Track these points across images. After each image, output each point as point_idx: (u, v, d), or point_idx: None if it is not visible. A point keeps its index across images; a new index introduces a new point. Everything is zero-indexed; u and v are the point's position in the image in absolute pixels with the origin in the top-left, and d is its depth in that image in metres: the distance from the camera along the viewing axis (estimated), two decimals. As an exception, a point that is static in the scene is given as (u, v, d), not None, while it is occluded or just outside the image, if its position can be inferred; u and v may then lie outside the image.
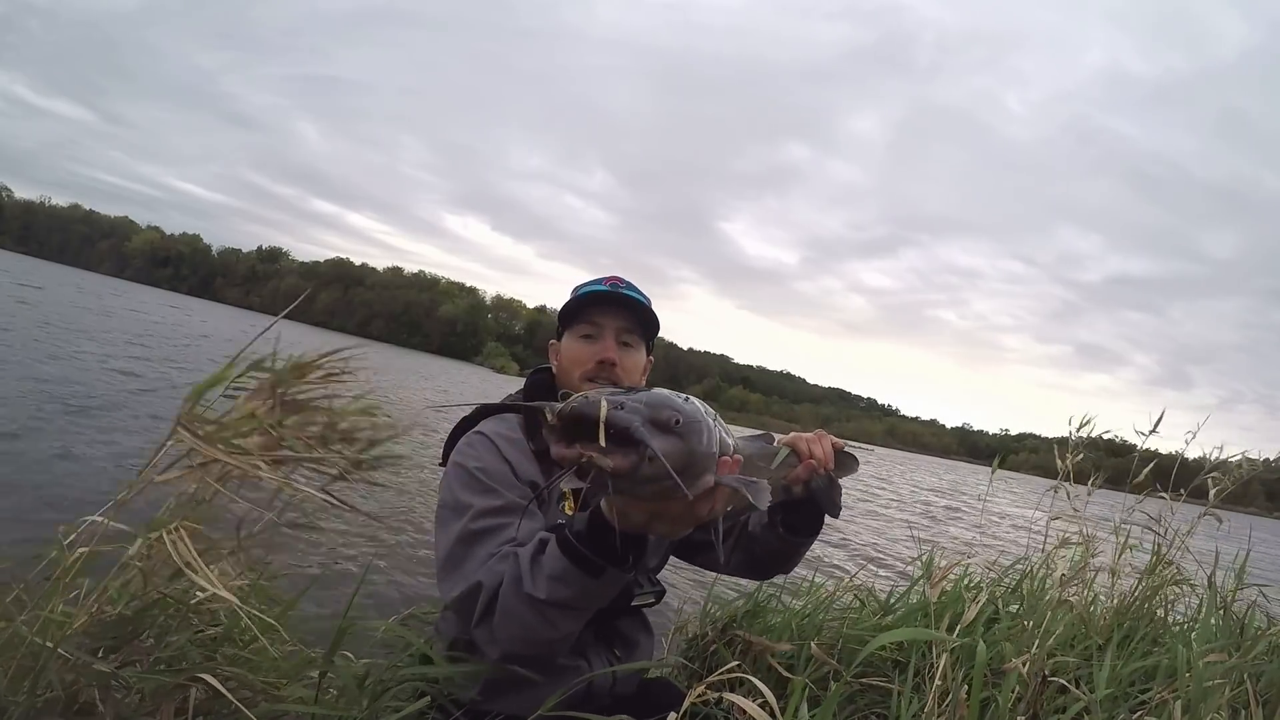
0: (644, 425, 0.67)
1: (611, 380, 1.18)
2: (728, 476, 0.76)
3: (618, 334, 1.20)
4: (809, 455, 1.06)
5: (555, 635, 0.94)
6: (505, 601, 0.93)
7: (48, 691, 0.80)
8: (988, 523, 9.38)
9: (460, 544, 1.03)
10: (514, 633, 0.94)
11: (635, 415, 0.67)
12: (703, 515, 0.77)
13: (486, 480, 1.07)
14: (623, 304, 1.21)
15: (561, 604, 0.90)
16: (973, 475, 34.38)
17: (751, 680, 0.97)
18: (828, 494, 1.13)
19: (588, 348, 1.19)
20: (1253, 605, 1.85)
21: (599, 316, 1.20)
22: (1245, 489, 1.84)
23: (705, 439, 0.73)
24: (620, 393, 0.70)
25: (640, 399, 0.70)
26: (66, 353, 8.44)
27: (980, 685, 1.23)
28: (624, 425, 0.66)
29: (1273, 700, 1.38)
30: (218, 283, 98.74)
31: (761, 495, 0.75)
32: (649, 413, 0.68)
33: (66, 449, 4.20)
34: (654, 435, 0.67)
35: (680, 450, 0.70)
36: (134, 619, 0.89)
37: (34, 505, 3.16)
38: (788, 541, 1.20)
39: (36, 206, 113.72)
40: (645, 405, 0.69)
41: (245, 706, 0.87)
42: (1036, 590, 2.02)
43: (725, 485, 0.76)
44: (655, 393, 0.73)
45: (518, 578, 0.92)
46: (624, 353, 1.21)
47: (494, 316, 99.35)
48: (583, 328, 1.20)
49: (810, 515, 1.18)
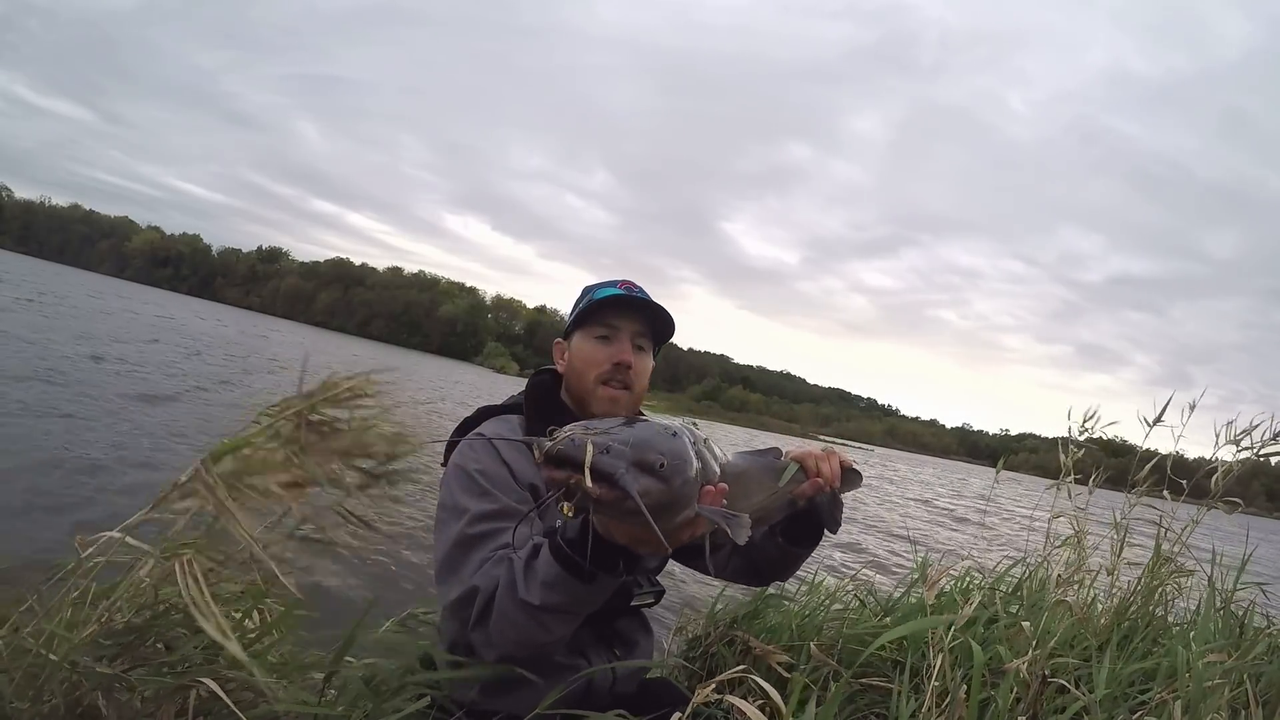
0: (628, 470, 0.70)
1: (624, 383, 1.19)
2: (708, 509, 0.78)
3: (633, 337, 1.21)
4: (816, 473, 1.06)
5: (549, 638, 0.96)
6: (501, 606, 0.95)
7: (51, 699, 0.80)
8: (998, 522, 9.38)
9: (457, 547, 1.04)
10: (509, 636, 0.96)
11: (620, 460, 0.70)
12: (684, 540, 0.81)
13: (484, 483, 1.07)
14: (640, 308, 1.21)
15: (554, 609, 0.92)
16: (974, 475, 34.38)
17: (754, 680, 0.98)
18: (829, 510, 1.14)
19: (603, 349, 1.19)
20: (1253, 605, 1.85)
21: (615, 319, 1.20)
22: (1245, 489, 1.84)
23: (689, 475, 0.76)
24: (608, 431, 0.72)
25: (627, 440, 0.72)
26: (109, 358, 8.42)
27: (979, 685, 1.23)
28: (609, 472, 0.69)
29: (1273, 700, 1.38)
30: (218, 283, 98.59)
31: (740, 531, 0.77)
32: (634, 455, 0.71)
33: (107, 452, 4.22)
34: (638, 478, 0.70)
35: (662, 491, 0.72)
36: (142, 628, 0.89)
37: (60, 509, 3.18)
38: (786, 551, 1.21)
39: (36, 206, 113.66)
40: (631, 448, 0.71)
41: (246, 708, 0.87)
42: (1036, 590, 2.02)
43: (705, 516, 0.78)
44: (642, 432, 0.74)
45: (512, 583, 0.94)
46: (638, 356, 1.21)
47: (494, 316, 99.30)
48: (598, 329, 1.20)
49: (811, 526, 1.18)
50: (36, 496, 3.37)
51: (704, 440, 0.84)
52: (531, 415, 1.21)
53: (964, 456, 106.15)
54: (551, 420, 1.18)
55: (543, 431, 0.78)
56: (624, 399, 1.20)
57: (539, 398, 1.25)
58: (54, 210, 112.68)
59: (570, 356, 1.24)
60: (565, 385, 1.26)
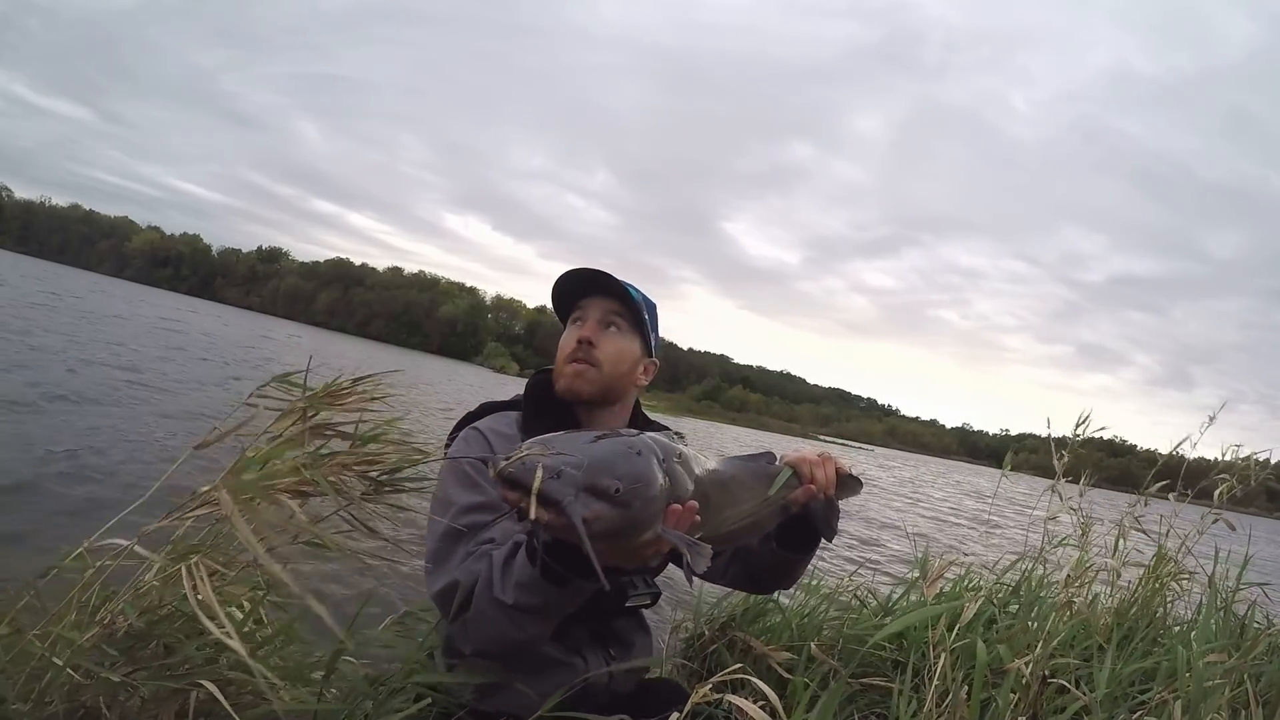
0: (576, 497, 0.66)
1: (589, 360, 1.16)
2: (672, 532, 0.76)
3: (605, 315, 1.19)
4: (810, 479, 1.04)
5: (524, 637, 0.95)
6: (478, 602, 0.95)
7: (53, 703, 0.80)
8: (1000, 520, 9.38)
9: (444, 539, 1.04)
10: (485, 633, 0.96)
11: (569, 487, 0.66)
12: (649, 559, 0.79)
13: (475, 476, 1.07)
14: (603, 287, 1.19)
15: (527, 609, 0.91)
16: (974, 475, 34.36)
17: (753, 681, 0.97)
18: (824, 516, 1.10)
19: (573, 331, 1.19)
20: (1253, 605, 1.85)
21: (584, 300, 1.21)
22: (1247, 491, 1.84)
23: (650, 496, 0.73)
24: (565, 451, 0.69)
25: (581, 462, 0.68)
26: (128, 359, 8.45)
27: (981, 685, 1.23)
28: (555, 499, 0.66)
29: (1273, 700, 1.38)
30: (218, 283, 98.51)
31: (700, 560, 0.75)
32: (586, 479, 0.68)
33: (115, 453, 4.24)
34: (589, 504, 0.67)
35: (616, 516, 0.70)
36: (145, 631, 0.89)
37: (66, 513, 3.19)
38: (781, 557, 1.19)
39: (36, 206, 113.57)
40: (584, 471, 0.68)
41: (246, 709, 0.87)
42: (1034, 590, 2.02)
43: (667, 540, 0.76)
44: (601, 453, 0.71)
45: (490, 580, 0.93)
46: (607, 335, 1.18)
47: (494, 316, 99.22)
48: (571, 312, 1.22)
49: (806, 532, 1.15)
50: (37, 495, 3.37)
51: (679, 455, 0.82)
52: (528, 412, 1.21)
53: (964, 456, 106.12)
54: (547, 416, 1.19)
55: (538, 429, 0.78)
56: (587, 373, 1.16)
57: (536, 395, 1.25)
58: (54, 210, 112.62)
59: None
60: (555, 382, 1.25)
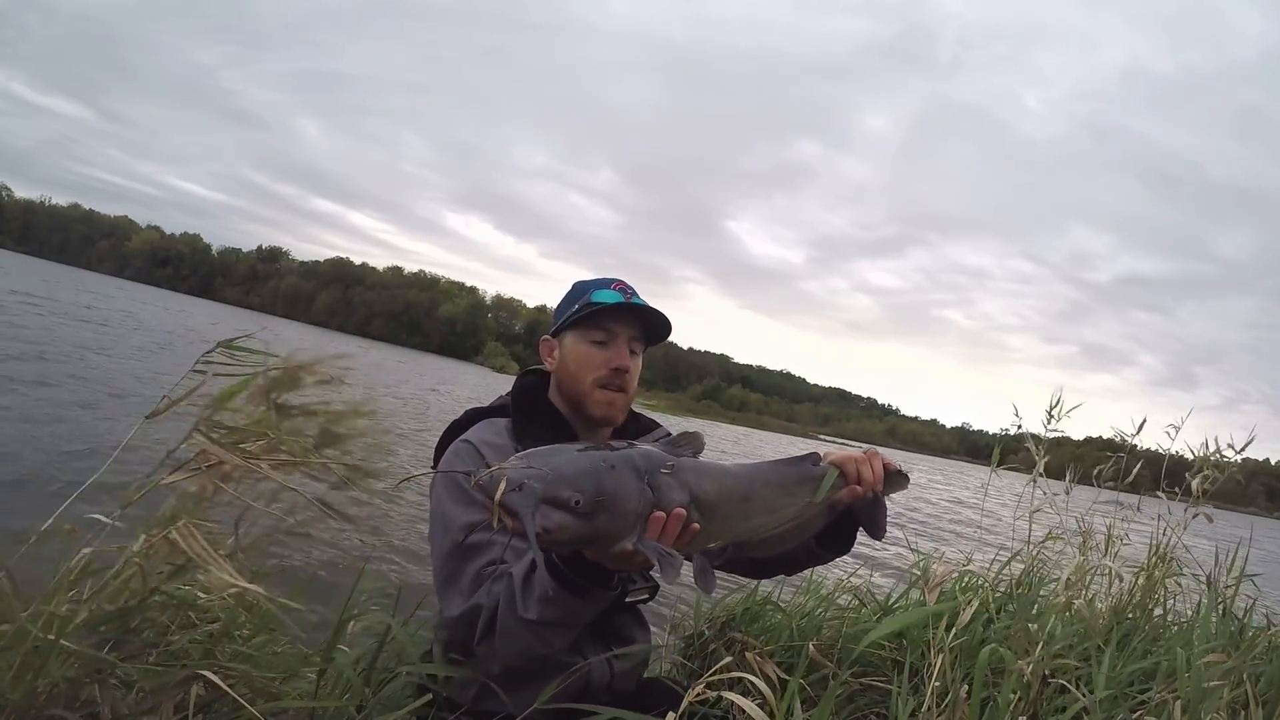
0: (536, 509, 0.73)
1: (621, 387, 1.20)
2: (646, 543, 0.80)
3: (629, 341, 1.21)
4: (856, 479, 1.02)
5: (549, 650, 0.99)
6: (503, 623, 0.97)
7: (50, 688, 0.80)
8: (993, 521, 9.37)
9: (451, 559, 1.06)
10: (513, 650, 0.99)
11: (528, 499, 0.74)
12: (633, 567, 0.86)
13: (472, 491, 1.07)
14: (637, 314, 1.21)
15: (552, 622, 0.94)
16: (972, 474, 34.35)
17: (749, 680, 0.98)
18: (871, 514, 1.07)
19: (600, 353, 1.19)
20: (1252, 605, 1.85)
21: (613, 324, 1.20)
22: (1245, 490, 1.84)
23: (618, 510, 0.78)
24: (535, 465, 0.76)
25: (545, 476, 0.75)
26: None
27: (981, 685, 1.23)
28: (513, 510, 0.73)
29: (1273, 700, 1.38)
30: (218, 282, 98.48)
31: (670, 572, 0.81)
32: (545, 493, 0.74)
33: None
34: (549, 515, 0.74)
35: (579, 527, 0.76)
36: (134, 610, 0.90)
37: (44, 494, 3.22)
38: (815, 555, 1.17)
39: (36, 206, 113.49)
40: (546, 484, 0.75)
41: (245, 703, 0.88)
42: (1029, 590, 2.01)
43: (643, 551, 0.80)
44: (568, 467, 0.77)
45: (512, 600, 0.96)
46: (634, 362, 1.23)
47: (494, 316, 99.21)
48: (595, 333, 1.20)
49: (846, 531, 1.13)
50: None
51: (670, 466, 0.84)
52: (519, 418, 1.21)
53: (964, 456, 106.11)
54: (539, 422, 1.19)
55: (530, 435, 0.81)
56: (620, 401, 1.21)
57: (526, 400, 1.24)
58: (54, 210, 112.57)
59: (563, 356, 1.23)
60: (556, 385, 1.25)
